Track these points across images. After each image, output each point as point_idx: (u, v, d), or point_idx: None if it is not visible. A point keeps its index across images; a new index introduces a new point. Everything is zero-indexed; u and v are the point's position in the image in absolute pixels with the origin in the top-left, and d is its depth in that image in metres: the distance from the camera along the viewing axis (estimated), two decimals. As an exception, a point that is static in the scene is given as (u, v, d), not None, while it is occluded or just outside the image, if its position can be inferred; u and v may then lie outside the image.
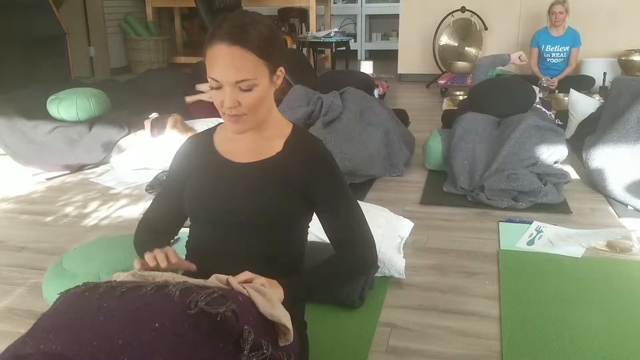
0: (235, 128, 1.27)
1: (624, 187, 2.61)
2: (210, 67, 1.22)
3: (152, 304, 1.00)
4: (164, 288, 1.03)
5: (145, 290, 1.02)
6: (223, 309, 0.98)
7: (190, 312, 0.98)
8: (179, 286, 1.03)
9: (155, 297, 1.01)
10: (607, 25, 5.68)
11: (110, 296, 1.02)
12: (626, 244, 2.15)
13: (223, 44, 1.18)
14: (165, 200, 1.48)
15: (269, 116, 1.32)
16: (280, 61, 1.28)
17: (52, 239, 2.31)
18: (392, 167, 3.05)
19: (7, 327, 1.68)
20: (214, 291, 1.03)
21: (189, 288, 1.03)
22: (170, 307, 0.99)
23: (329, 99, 3.13)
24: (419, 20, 6.19)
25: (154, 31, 7.36)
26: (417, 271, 1.98)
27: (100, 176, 3.12)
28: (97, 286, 1.05)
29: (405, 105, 4.84)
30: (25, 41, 4.74)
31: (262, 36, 1.20)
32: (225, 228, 1.30)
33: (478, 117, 3.00)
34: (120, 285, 1.04)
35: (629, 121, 2.72)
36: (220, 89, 1.22)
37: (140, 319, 0.97)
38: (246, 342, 1.00)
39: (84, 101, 3.43)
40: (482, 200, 2.58)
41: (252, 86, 1.21)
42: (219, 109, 1.26)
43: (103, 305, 1.00)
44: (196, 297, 1.00)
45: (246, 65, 1.19)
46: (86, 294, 1.04)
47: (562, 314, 1.70)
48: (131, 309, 0.99)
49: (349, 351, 1.53)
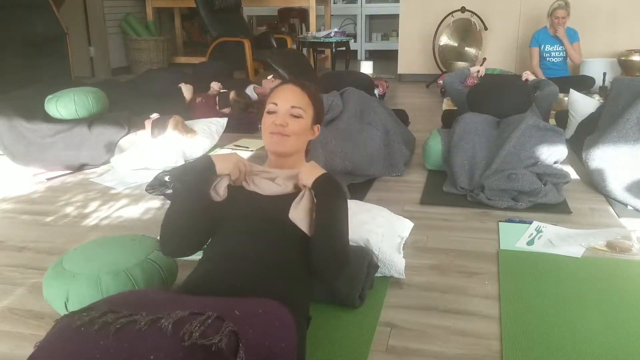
0: (275, 146, 1.62)
1: (623, 187, 2.62)
2: (272, 96, 1.66)
3: (147, 339, 1.02)
4: (157, 322, 1.05)
5: (139, 325, 1.04)
6: (218, 339, 1.02)
7: (185, 345, 1.00)
8: (171, 319, 1.05)
9: (150, 332, 1.04)
10: (607, 26, 5.68)
11: (105, 334, 1.04)
12: (626, 244, 2.15)
13: (289, 84, 1.68)
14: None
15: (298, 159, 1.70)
16: (320, 120, 1.72)
17: (52, 239, 2.31)
18: (392, 167, 3.05)
19: (7, 327, 1.69)
20: (208, 317, 1.06)
21: (181, 319, 1.05)
22: (165, 341, 1.02)
23: (329, 98, 3.13)
24: (419, 20, 6.20)
25: (154, 31, 7.36)
26: (417, 271, 1.98)
27: (100, 176, 3.12)
28: (92, 322, 1.06)
29: (405, 105, 4.85)
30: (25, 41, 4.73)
31: (315, 92, 1.71)
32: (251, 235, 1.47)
33: (478, 117, 3.00)
34: (115, 320, 1.06)
35: (628, 121, 2.73)
36: (274, 114, 1.62)
37: (136, 355, 1.00)
38: None
39: (82, 97, 3.43)
40: (482, 200, 2.58)
41: (300, 115, 1.62)
42: (267, 129, 1.62)
43: (99, 343, 1.02)
44: (189, 327, 1.03)
45: (301, 99, 1.64)
46: (82, 329, 1.06)
47: (562, 313, 1.70)
48: (127, 347, 1.01)
49: (348, 351, 1.53)
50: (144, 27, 7.28)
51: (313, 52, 6.95)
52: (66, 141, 3.23)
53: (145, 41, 7.19)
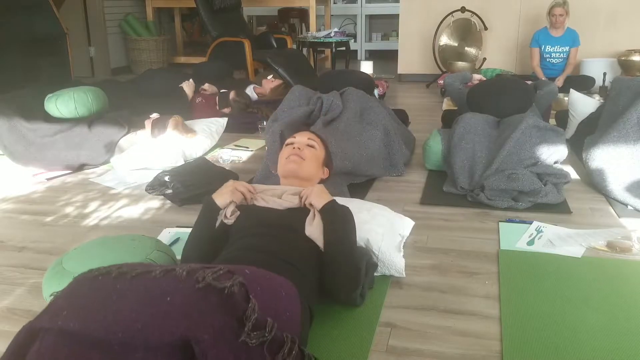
0: (291, 164, 1.90)
1: (624, 187, 2.61)
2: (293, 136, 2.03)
3: (162, 284, 1.08)
4: (172, 271, 1.11)
5: (154, 273, 1.10)
6: (230, 283, 1.07)
7: (199, 286, 1.05)
8: (185, 267, 1.11)
9: (165, 278, 1.09)
10: (607, 26, 5.68)
11: (122, 279, 1.09)
12: (626, 244, 2.15)
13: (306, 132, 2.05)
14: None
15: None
16: (329, 164, 2.05)
17: (52, 239, 2.31)
18: (392, 167, 3.05)
19: (7, 327, 1.68)
20: (220, 269, 1.11)
21: (195, 269, 1.11)
22: (180, 285, 1.07)
23: (329, 98, 3.13)
24: (419, 20, 6.20)
25: (154, 31, 7.36)
26: (417, 271, 1.98)
27: (100, 176, 3.12)
28: (109, 272, 1.12)
29: (405, 105, 4.85)
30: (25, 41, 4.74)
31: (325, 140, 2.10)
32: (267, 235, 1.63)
33: (478, 117, 3.00)
34: (131, 270, 1.11)
35: (629, 121, 2.72)
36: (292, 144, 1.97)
37: (151, 296, 1.05)
38: (249, 320, 1.06)
39: (82, 95, 3.42)
40: (482, 200, 2.58)
41: (314, 146, 1.98)
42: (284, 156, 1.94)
43: (116, 287, 1.08)
44: (202, 273, 1.08)
45: (314, 138, 2.02)
46: (99, 277, 1.11)
47: (562, 313, 1.70)
48: (142, 289, 1.07)
49: (348, 351, 1.53)
50: (144, 27, 7.28)
51: (313, 52, 6.95)
52: (66, 141, 3.23)
53: (145, 41, 7.19)
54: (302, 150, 1.93)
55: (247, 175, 2.98)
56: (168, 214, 2.57)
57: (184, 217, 2.51)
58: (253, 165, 3.28)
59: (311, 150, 1.96)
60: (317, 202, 1.70)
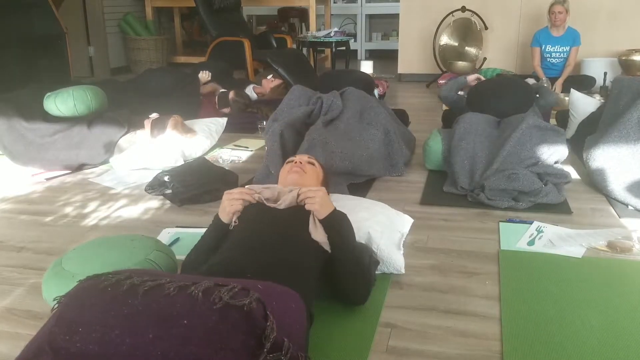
0: (293, 174, 1.94)
1: (624, 187, 2.61)
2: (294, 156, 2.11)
3: (177, 303, 1.06)
4: (186, 289, 1.09)
5: (168, 291, 1.08)
6: (248, 300, 1.06)
7: (217, 307, 1.04)
8: (200, 287, 1.09)
9: (179, 297, 1.07)
10: (608, 25, 5.68)
11: (134, 294, 1.07)
12: (627, 244, 2.14)
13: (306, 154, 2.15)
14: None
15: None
16: (327, 186, 2.05)
17: (52, 239, 2.31)
18: (392, 167, 3.05)
19: (6, 327, 1.68)
20: (234, 286, 1.10)
21: (210, 288, 1.09)
22: (196, 306, 1.05)
23: (329, 98, 3.12)
24: (419, 20, 6.19)
25: (154, 31, 7.36)
26: (417, 271, 1.98)
27: (99, 176, 3.12)
28: (118, 282, 1.10)
29: (405, 105, 4.84)
30: (25, 41, 4.73)
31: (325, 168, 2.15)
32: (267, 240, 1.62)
33: (478, 117, 2.99)
34: (142, 283, 1.10)
35: (629, 121, 2.72)
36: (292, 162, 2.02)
37: (166, 316, 1.03)
38: (267, 340, 1.05)
39: (81, 93, 3.40)
40: (482, 200, 2.58)
41: (314, 164, 2.05)
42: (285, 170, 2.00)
43: (127, 302, 1.06)
44: (219, 293, 1.07)
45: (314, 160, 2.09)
46: (109, 289, 1.09)
47: (563, 314, 1.69)
48: (155, 308, 1.05)
49: (349, 351, 1.53)
50: (144, 26, 7.28)
51: (313, 51, 6.94)
52: (65, 140, 3.22)
53: (144, 41, 7.18)
54: (304, 165, 2.00)
55: (247, 175, 2.98)
56: (167, 214, 2.57)
57: (184, 217, 2.51)
58: (253, 165, 3.27)
59: (311, 166, 2.03)
60: (320, 211, 1.68)
